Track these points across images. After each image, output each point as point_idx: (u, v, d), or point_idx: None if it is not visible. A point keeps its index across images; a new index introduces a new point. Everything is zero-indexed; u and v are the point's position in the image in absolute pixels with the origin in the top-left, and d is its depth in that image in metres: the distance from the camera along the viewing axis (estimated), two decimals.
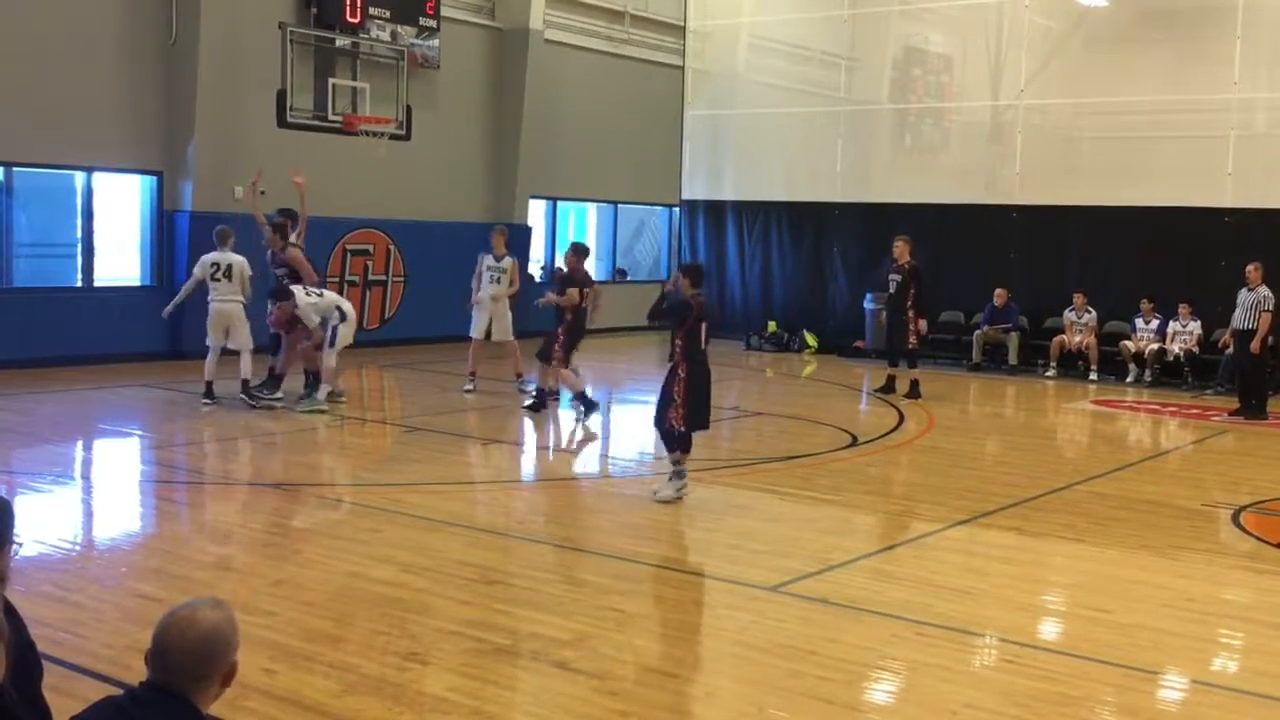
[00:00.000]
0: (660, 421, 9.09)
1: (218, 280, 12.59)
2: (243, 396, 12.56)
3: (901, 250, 15.47)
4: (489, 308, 14.43)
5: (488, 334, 14.54)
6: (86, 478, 10.21)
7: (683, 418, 8.96)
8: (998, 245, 18.88)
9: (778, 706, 5.17)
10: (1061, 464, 11.76)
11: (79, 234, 16.28)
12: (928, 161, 21.48)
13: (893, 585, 7.04)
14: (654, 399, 9.41)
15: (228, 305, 12.61)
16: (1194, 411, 14.86)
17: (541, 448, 12.54)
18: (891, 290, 15.48)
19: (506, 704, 5.17)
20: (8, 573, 1.99)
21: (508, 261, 14.46)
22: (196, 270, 12.81)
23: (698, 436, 9.38)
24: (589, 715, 4.98)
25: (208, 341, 12.67)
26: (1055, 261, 18.52)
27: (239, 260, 12.69)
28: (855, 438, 12.27)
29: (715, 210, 22.36)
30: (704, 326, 8.97)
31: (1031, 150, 19.22)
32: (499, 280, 14.42)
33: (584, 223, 25.24)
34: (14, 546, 2.73)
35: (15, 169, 15.50)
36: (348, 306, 13.33)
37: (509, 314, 14.64)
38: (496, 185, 21.16)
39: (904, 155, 21.65)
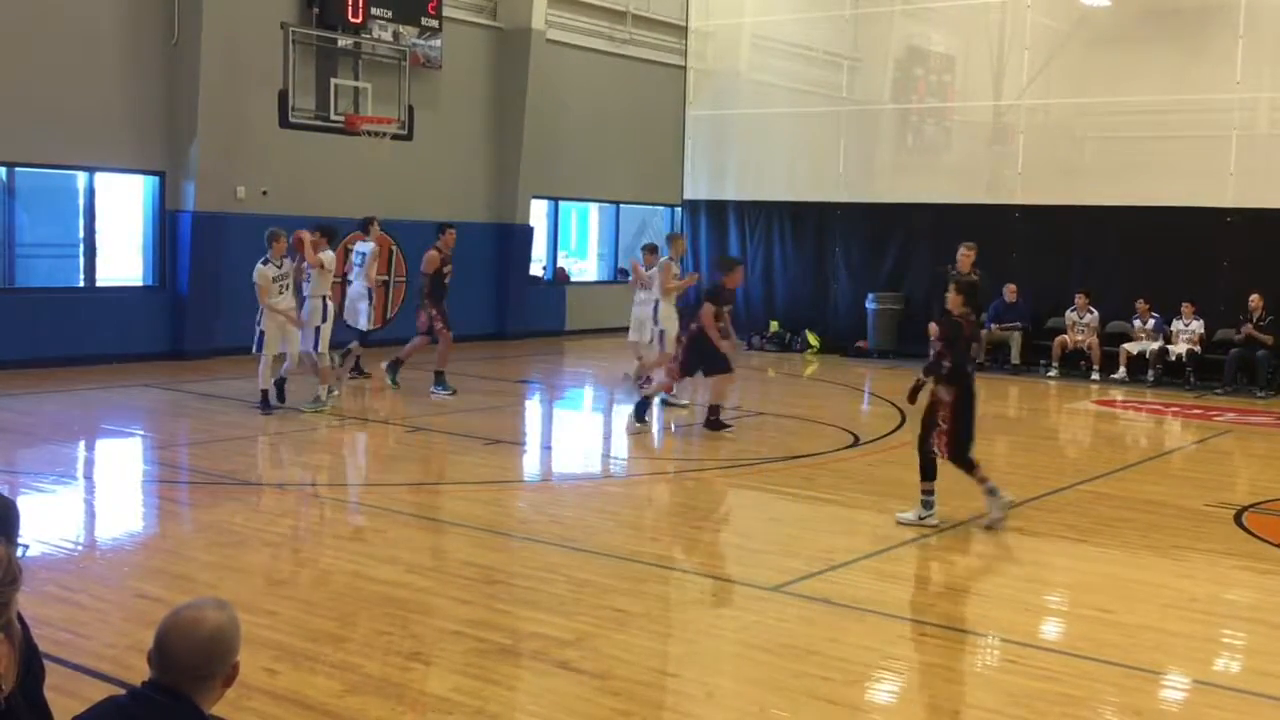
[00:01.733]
0: (923, 447, 8.42)
1: (283, 292, 12.56)
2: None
3: (967, 258, 14.37)
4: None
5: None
6: (89, 478, 10.22)
7: (946, 444, 8.29)
8: (999, 245, 18.85)
9: (779, 706, 5.17)
10: (1064, 464, 11.75)
11: (81, 234, 16.30)
12: (930, 161, 21.46)
13: (895, 585, 7.04)
14: (655, 397, 9.39)
15: (289, 313, 12.63)
16: (1196, 412, 14.85)
17: (544, 448, 12.54)
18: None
19: (508, 704, 5.18)
20: (19, 574, 2.00)
21: (652, 271, 14.98)
22: (260, 281, 12.38)
23: (699, 437, 9.38)
24: (591, 715, 4.98)
25: (266, 350, 12.40)
26: (1057, 261, 18.50)
27: (295, 266, 12.83)
28: (857, 438, 12.26)
29: (717, 210, 22.35)
30: (975, 347, 8.47)
31: (1033, 150, 19.21)
32: (649, 288, 14.92)
33: (586, 223, 25.26)
34: (20, 548, 2.72)
35: (18, 169, 15.51)
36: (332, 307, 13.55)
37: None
38: (498, 185, 21.17)
39: (906, 155, 21.64)
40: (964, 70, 20.94)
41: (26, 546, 2.74)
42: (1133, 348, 17.27)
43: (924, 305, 19.42)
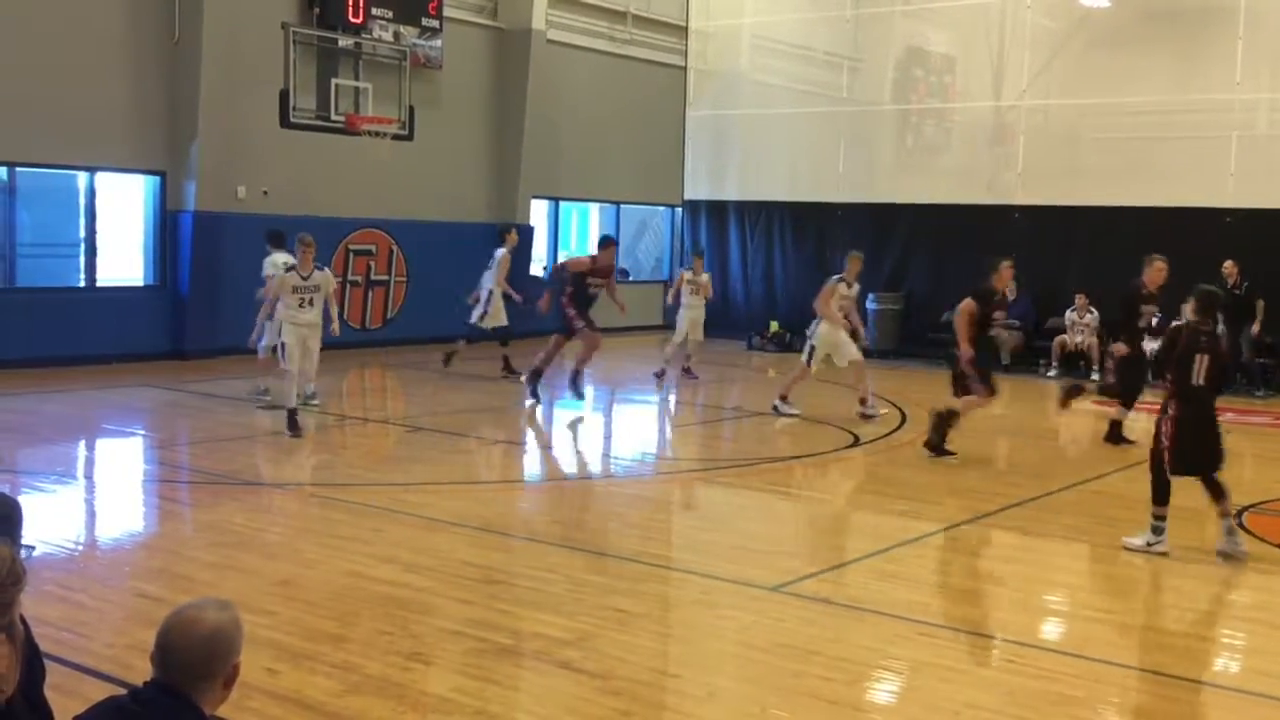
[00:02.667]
0: (1155, 467, 7.98)
1: (303, 306, 11.57)
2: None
3: (1161, 272, 12.86)
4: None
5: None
6: (89, 477, 10.22)
7: (1169, 460, 7.86)
8: (999, 246, 18.77)
9: (780, 706, 5.17)
10: (1064, 464, 11.75)
11: (82, 234, 16.30)
12: (930, 162, 21.47)
13: (895, 585, 7.04)
14: (655, 397, 9.40)
15: (312, 326, 11.71)
16: None
17: (544, 447, 12.54)
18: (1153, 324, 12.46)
19: (509, 704, 5.18)
20: (22, 574, 2.00)
21: (705, 277, 16.84)
22: (276, 284, 11.74)
23: (699, 437, 9.37)
24: (592, 715, 4.98)
25: (290, 364, 11.47)
26: (1057, 262, 18.50)
27: (325, 278, 11.81)
28: (857, 438, 12.27)
29: (717, 210, 22.36)
30: (1202, 360, 7.86)
31: (1033, 151, 19.22)
32: (697, 291, 16.50)
33: (586, 223, 25.25)
34: (26, 550, 2.73)
35: (18, 169, 15.51)
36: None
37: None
38: (499, 185, 21.18)
39: (906, 156, 21.65)
40: (964, 71, 20.95)
41: (33, 548, 2.75)
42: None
43: (924, 307, 19.45)
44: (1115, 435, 12.14)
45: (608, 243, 14.90)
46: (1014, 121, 19.45)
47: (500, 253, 15.96)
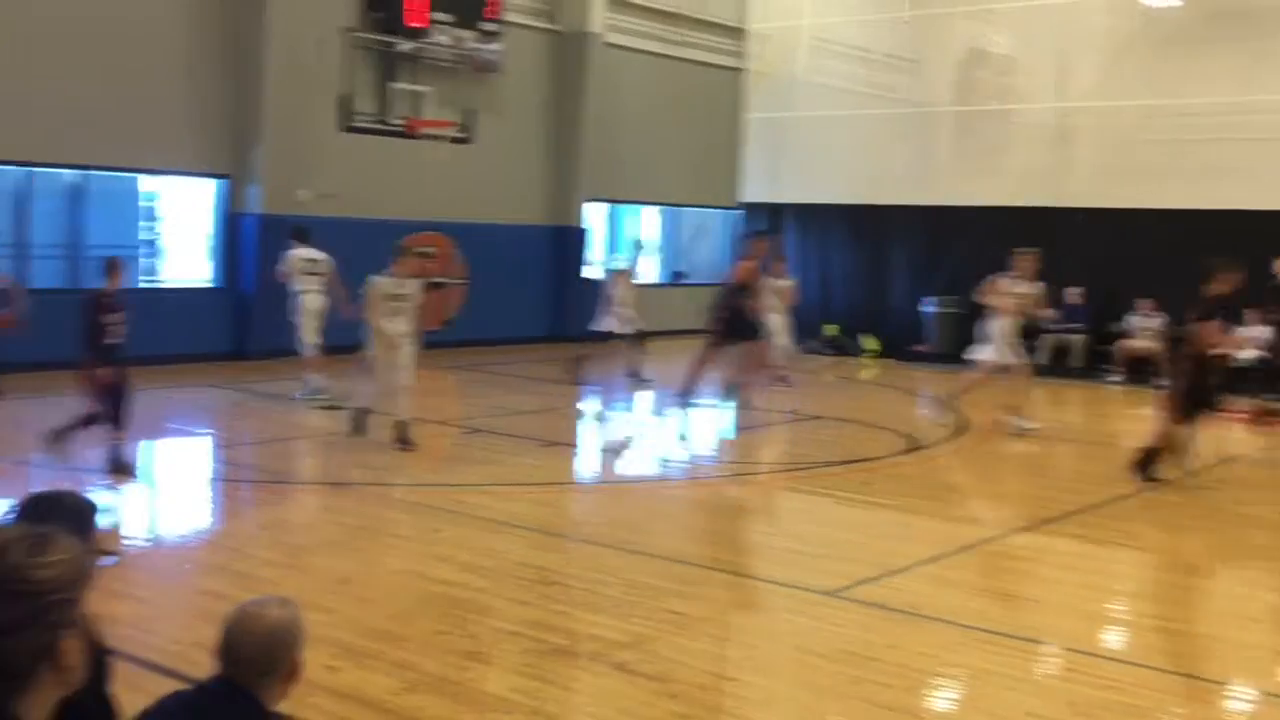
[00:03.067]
0: None
1: (396, 315, 11.32)
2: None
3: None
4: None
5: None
6: (154, 476, 10.38)
7: None
8: (1062, 249, 18.62)
9: (838, 712, 5.14)
10: (1126, 470, 11.56)
11: (149, 236, 16.58)
12: (990, 164, 21.23)
13: (954, 591, 6.98)
14: (712, 400, 9.37)
15: (403, 337, 11.37)
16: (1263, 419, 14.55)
17: (601, 450, 12.55)
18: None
19: (566, 705, 5.19)
20: (91, 572, 2.03)
21: (785, 282, 16.19)
22: (371, 293, 11.35)
23: (755, 440, 9.34)
24: (648, 718, 4.98)
25: (379, 378, 10.97)
26: (1121, 265, 18.24)
27: (417, 287, 11.66)
28: (915, 442, 12.16)
29: (774, 213, 22.28)
30: None
31: (1097, 153, 18.95)
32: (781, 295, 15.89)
33: (642, 226, 25.25)
34: (109, 559, 2.81)
35: (88, 172, 15.81)
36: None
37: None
38: (556, 188, 21.25)
39: (966, 157, 21.44)
40: (1026, 72, 20.70)
41: (118, 557, 2.78)
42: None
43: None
44: None
45: (758, 237, 14.17)
46: (1077, 123, 19.20)
47: (623, 258, 15.74)
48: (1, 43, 14.37)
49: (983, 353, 12.95)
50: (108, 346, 9.44)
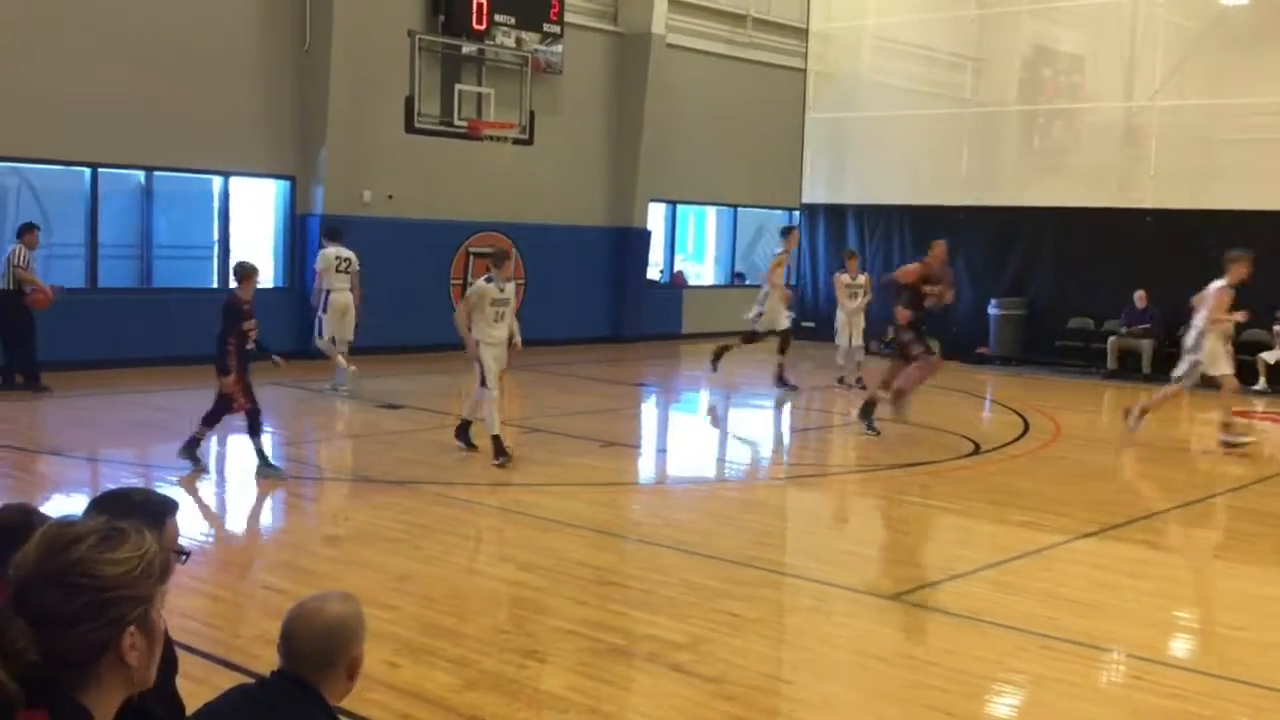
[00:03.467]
0: None
1: (498, 320, 11.06)
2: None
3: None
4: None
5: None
6: (221, 472, 10.55)
7: None
8: (1130, 250, 18.35)
9: (896, 717, 5.11)
10: (1196, 476, 11.38)
11: (215, 236, 16.85)
12: (1057, 164, 20.97)
13: (1016, 597, 6.90)
14: (770, 401, 9.34)
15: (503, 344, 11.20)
16: None
17: (660, 450, 12.56)
18: None
19: (622, 704, 5.20)
20: (164, 571, 2.06)
21: (863, 278, 16.25)
22: (474, 297, 11.13)
23: (815, 442, 9.29)
24: (704, 719, 4.97)
25: (492, 388, 10.47)
26: (1190, 268, 17.87)
27: (513, 290, 11.69)
28: (978, 446, 12.04)
29: (836, 214, 22.17)
30: None
31: (1167, 152, 18.64)
32: (856, 295, 16.11)
33: (703, 226, 25.26)
34: (182, 556, 2.84)
35: (156, 173, 16.10)
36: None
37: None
38: (617, 189, 21.30)
39: (1032, 157, 21.19)
40: (1094, 71, 20.42)
41: (189, 554, 2.82)
42: (1270, 357, 16.64)
43: (1049, 313, 19.02)
44: None
45: (936, 241, 13.43)
46: (1146, 122, 18.89)
47: (777, 253, 15.67)
48: (71, 46, 14.68)
49: (1198, 367, 12.25)
50: (245, 352, 9.57)
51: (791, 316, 15.76)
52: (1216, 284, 12.47)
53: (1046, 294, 19.45)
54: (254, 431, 9.56)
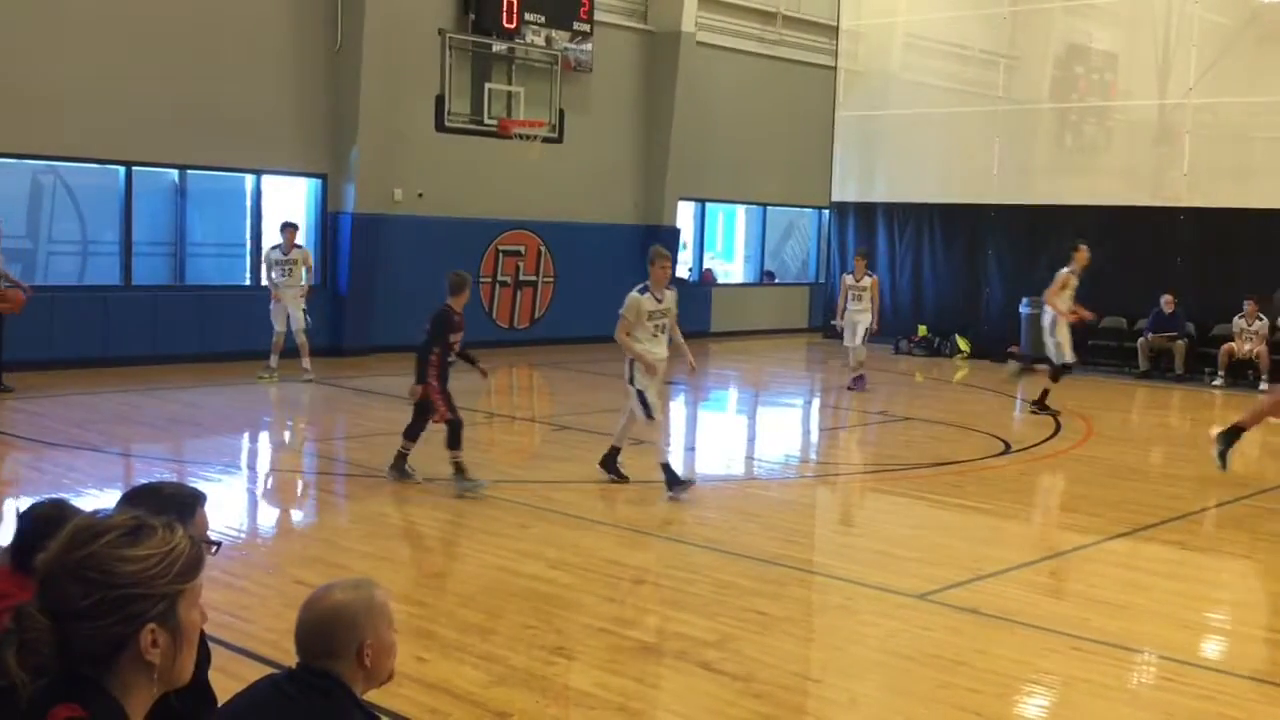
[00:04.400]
0: None
1: (657, 335, 10.27)
2: None
3: None
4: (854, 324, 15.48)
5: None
6: (251, 468, 10.64)
7: None
8: (1163, 249, 18.21)
9: (924, 717, 5.09)
10: (1229, 477, 11.26)
11: (248, 234, 16.96)
12: (1090, 162, 20.83)
13: (1047, 598, 6.86)
14: (800, 400, 9.31)
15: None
16: None
17: (689, 449, 12.56)
18: None
19: (651, 701, 5.21)
20: (191, 567, 2.06)
21: (867, 281, 15.73)
22: (630, 311, 10.39)
23: (844, 441, 9.26)
24: (733, 717, 4.98)
25: (656, 413, 9.41)
26: (1225, 267, 17.75)
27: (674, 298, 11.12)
28: (1008, 445, 11.98)
29: (866, 212, 22.09)
30: None
31: (1201, 151, 18.48)
32: (861, 298, 15.51)
33: (733, 225, 25.22)
34: (213, 546, 2.84)
35: (189, 171, 16.22)
36: None
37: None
38: (646, 187, 21.30)
39: (1065, 156, 21.05)
40: (1127, 68, 20.26)
41: (219, 544, 2.81)
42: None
43: None
44: None
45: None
46: (1180, 120, 18.73)
47: (1062, 272, 13.97)
48: (105, 45, 14.82)
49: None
50: (447, 364, 9.27)
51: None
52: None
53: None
54: (453, 443, 9.07)
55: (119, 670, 1.98)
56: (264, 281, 15.01)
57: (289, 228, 14.92)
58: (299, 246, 14.92)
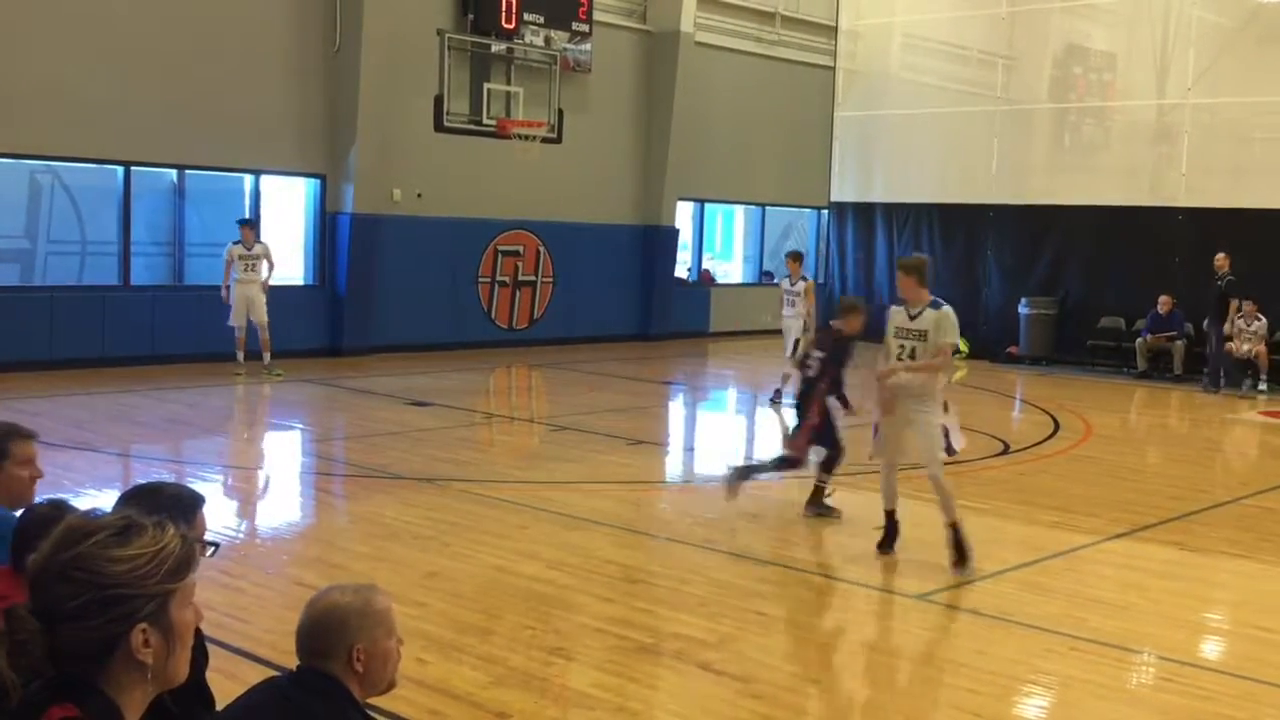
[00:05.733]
0: None
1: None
2: None
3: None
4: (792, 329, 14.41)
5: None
6: (250, 468, 10.63)
7: None
8: (1162, 249, 18.21)
9: (924, 717, 5.09)
10: (1227, 477, 11.29)
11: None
12: (1088, 162, 20.83)
13: (1045, 598, 6.86)
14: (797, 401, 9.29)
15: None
16: None
17: (688, 449, 12.56)
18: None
19: (649, 702, 5.21)
20: (182, 567, 2.05)
21: (801, 285, 14.56)
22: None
23: (852, 438, 9.25)
24: (732, 717, 4.98)
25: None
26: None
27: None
28: (1007, 445, 11.98)
29: (864, 212, 22.10)
30: None
31: (1199, 151, 18.49)
32: (794, 303, 14.47)
33: (731, 225, 25.22)
34: (210, 548, 2.82)
35: (187, 171, 16.22)
36: None
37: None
38: (645, 187, 21.31)
39: (1063, 155, 21.05)
40: (1125, 68, 20.27)
41: (217, 546, 2.79)
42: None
43: (1080, 312, 18.90)
44: None
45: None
46: (1178, 120, 18.74)
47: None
48: (103, 45, 14.80)
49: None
50: (840, 390, 8.72)
51: None
52: None
53: (1077, 293, 19.32)
54: (828, 468, 8.76)
55: (113, 670, 1.97)
56: (225, 281, 15.03)
57: (248, 224, 15.18)
58: (260, 242, 15.10)
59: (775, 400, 14.18)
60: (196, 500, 3.21)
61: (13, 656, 1.91)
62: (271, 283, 15.19)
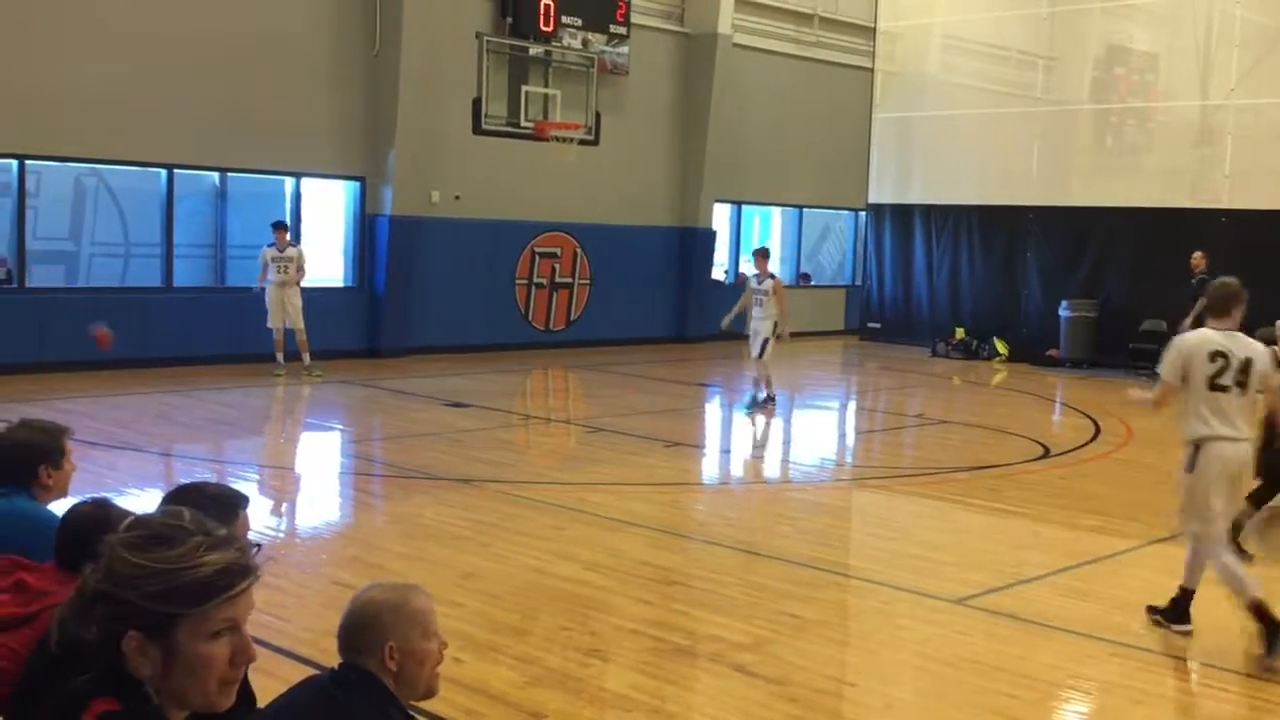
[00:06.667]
0: None
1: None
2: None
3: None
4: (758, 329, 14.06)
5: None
6: (290, 468, 10.72)
7: None
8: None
9: None
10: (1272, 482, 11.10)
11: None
12: (1130, 164, 20.63)
13: (1086, 603, 6.80)
14: (836, 403, 9.28)
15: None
16: None
17: (724, 451, 12.55)
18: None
19: (685, 704, 5.21)
20: (241, 569, 2.04)
21: (769, 283, 14.03)
22: None
23: (880, 444, 9.22)
24: None
25: None
26: (1269, 269, 17.50)
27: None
28: (1048, 449, 11.88)
29: (902, 214, 21.99)
30: None
31: (1243, 152, 18.26)
32: (762, 303, 14.00)
33: (768, 227, 25.16)
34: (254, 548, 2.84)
35: (229, 174, 16.37)
36: None
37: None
38: (682, 189, 21.30)
39: (1105, 157, 20.87)
40: (1168, 69, 20.07)
41: (259, 547, 2.84)
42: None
43: (1121, 314, 18.71)
44: None
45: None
46: (1221, 121, 18.53)
47: None
48: (147, 51, 14.96)
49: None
50: None
51: None
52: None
53: (1118, 296, 19.14)
54: (1258, 502, 8.05)
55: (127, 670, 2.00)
56: (259, 283, 15.12)
57: (282, 226, 15.25)
58: (294, 245, 15.22)
59: (752, 408, 13.95)
60: (239, 500, 3.24)
61: (68, 616, 1.99)
62: (310, 284, 15.30)
